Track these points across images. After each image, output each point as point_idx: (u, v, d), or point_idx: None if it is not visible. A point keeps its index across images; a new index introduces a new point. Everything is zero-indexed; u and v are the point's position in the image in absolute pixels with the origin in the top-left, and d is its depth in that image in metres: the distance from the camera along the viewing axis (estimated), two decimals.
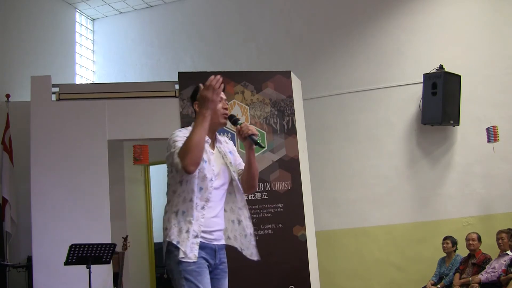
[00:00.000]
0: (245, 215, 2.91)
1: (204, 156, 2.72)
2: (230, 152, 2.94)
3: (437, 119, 6.65)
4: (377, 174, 7.18)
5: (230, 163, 2.87)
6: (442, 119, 6.61)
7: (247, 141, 2.83)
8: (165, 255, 2.69)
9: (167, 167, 2.78)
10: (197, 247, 2.64)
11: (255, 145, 2.82)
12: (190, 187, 2.67)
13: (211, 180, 2.72)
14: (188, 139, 2.57)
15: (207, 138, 2.77)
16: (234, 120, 2.93)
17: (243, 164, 2.98)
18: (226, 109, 2.88)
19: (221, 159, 2.86)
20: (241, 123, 2.86)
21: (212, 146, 2.87)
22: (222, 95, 2.88)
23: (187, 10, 8.69)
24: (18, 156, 6.27)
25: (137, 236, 7.03)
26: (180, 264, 2.59)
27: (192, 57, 8.48)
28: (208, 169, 2.73)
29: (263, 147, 2.70)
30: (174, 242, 2.62)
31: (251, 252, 2.88)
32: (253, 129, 2.85)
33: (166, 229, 2.68)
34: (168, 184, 2.76)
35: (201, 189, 2.70)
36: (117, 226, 5.97)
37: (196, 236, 2.64)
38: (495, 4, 7.00)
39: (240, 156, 3.00)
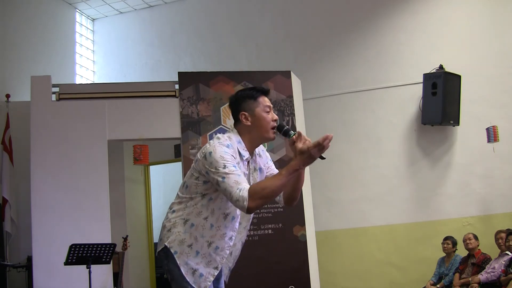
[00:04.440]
0: (239, 237, 2.68)
1: None
2: (260, 168, 2.67)
3: (437, 119, 6.65)
4: (377, 174, 7.18)
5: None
6: (442, 119, 6.61)
7: None
8: (162, 255, 2.57)
9: (194, 170, 2.54)
10: (212, 278, 2.56)
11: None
12: (221, 212, 2.51)
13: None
14: (274, 185, 2.31)
15: (247, 155, 2.56)
16: (285, 131, 2.52)
17: None
18: (275, 120, 2.56)
19: (248, 177, 2.61)
20: (295, 134, 2.44)
21: (248, 163, 2.61)
22: (269, 102, 2.58)
23: (187, 10, 8.69)
24: (18, 156, 6.26)
25: (137, 236, 7.03)
26: (182, 267, 2.53)
27: (192, 57, 8.48)
28: None
29: (324, 158, 2.46)
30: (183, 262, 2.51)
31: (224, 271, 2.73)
32: (310, 140, 2.42)
33: (169, 231, 2.56)
34: (187, 185, 2.55)
35: (233, 218, 2.56)
36: (117, 226, 5.97)
37: (216, 268, 2.57)
38: (495, 4, 6.99)
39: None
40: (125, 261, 5.78)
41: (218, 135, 2.58)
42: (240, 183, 2.33)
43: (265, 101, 2.58)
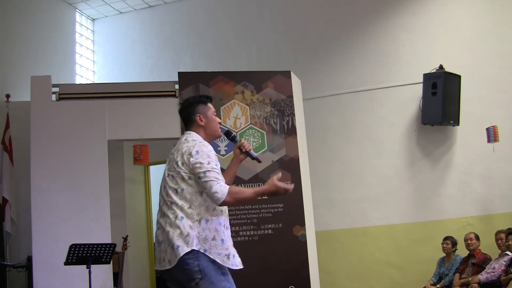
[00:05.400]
0: None
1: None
2: None
3: (437, 119, 6.65)
4: (377, 174, 7.18)
5: None
6: (442, 119, 6.61)
7: (243, 155, 3.11)
8: (191, 257, 2.71)
9: (184, 173, 2.85)
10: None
11: (253, 159, 3.07)
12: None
13: None
14: (248, 194, 2.82)
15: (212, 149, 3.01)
16: (233, 136, 3.15)
17: None
18: (219, 123, 3.14)
19: None
20: (240, 140, 3.12)
21: None
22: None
23: (187, 10, 8.69)
24: (18, 156, 6.26)
25: (137, 236, 7.03)
26: (215, 262, 2.75)
27: (192, 57, 8.48)
28: None
29: (261, 162, 3.18)
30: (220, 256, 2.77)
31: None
32: (251, 147, 3.16)
33: (188, 236, 2.74)
34: (182, 189, 2.84)
35: None
36: (117, 226, 5.97)
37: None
38: (495, 4, 7.00)
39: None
40: (125, 261, 5.78)
41: (188, 137, 2.96)
42: (220, 179, 2.78)
43: (212, 107, 3.13)
